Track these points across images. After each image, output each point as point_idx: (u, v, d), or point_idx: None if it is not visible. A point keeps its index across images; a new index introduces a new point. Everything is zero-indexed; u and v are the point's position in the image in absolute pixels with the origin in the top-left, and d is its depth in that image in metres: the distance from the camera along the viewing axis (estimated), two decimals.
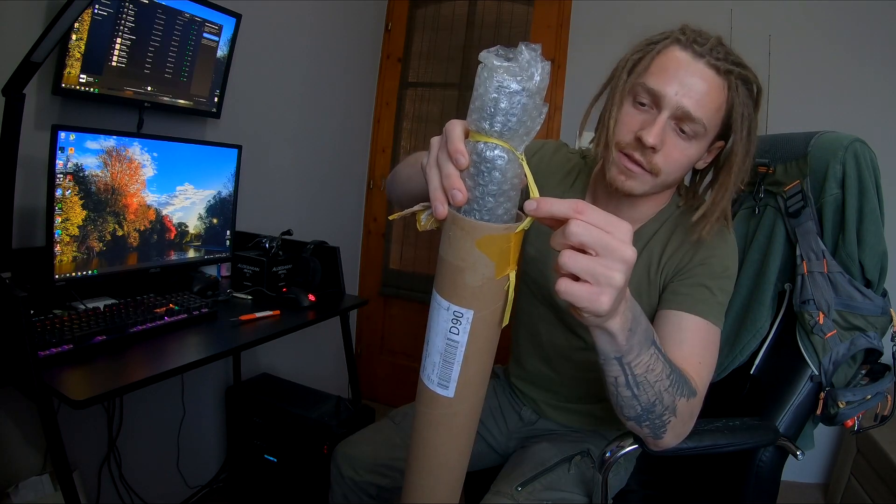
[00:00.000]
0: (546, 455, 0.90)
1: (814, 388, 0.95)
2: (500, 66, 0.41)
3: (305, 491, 1.51)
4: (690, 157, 0.75)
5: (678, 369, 0.62)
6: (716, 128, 0.75)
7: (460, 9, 2.39)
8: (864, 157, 0.91)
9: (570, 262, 0.42)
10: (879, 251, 0.91)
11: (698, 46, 0.71)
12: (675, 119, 0.72)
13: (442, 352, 0.48)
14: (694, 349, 0.72)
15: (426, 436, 0.55)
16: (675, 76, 0.71)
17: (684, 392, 0.63)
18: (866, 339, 0.93)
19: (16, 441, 1.17)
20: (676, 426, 0.65)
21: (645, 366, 0.57)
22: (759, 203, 1.08)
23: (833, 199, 0.92)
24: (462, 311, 0.46)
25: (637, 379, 0.57)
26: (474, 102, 0.42)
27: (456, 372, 0.49)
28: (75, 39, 1.14)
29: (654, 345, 0.57)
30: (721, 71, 0.71)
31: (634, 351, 0.55)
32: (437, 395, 0.50)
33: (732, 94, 0.73)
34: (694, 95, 0.71)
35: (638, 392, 0.58)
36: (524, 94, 0.41)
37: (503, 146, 0.42)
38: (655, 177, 0.75)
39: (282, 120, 1.91)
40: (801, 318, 0.95)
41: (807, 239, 0.95)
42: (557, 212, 0.43)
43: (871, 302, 0.92)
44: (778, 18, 1.96)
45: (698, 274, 0.78)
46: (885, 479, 1.57)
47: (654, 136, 0.71)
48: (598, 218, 0.42)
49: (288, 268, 1.50)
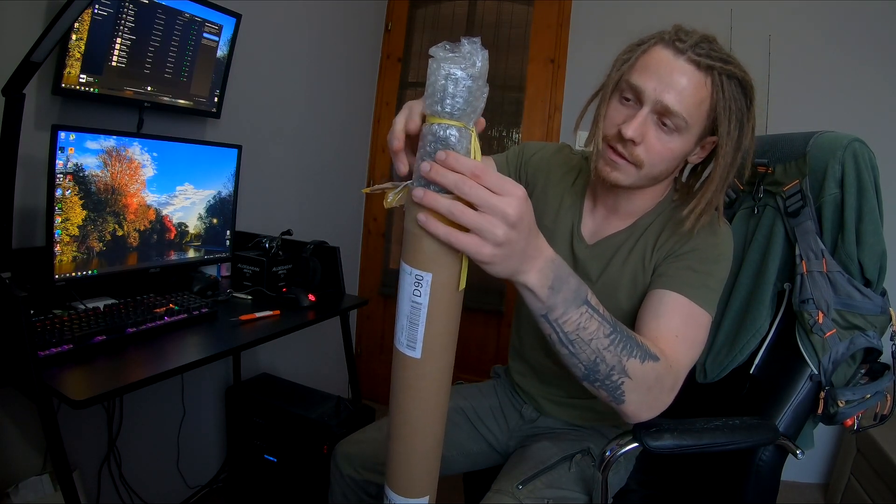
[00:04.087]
0: (547, 453, 0.90)
1: (813, 388, 0.94)
2: (446, 57, 0.48)
3: (305, 491, 1.51)
4: (673, 151, 0.77)
5: (626, 332, 0.64)
6: (700, 122, 0.76)
7: (460, 9, 2.39)
8: (863, 157, 0.91)
9: (459, 214, 0.48)
10: (878, 250, 0.91)
11: (680, 43, 0.74)
12: (656, 113, 0.75)
13: (408, 314, 0.54)
14: (671, 323, 0.74)
15: (399, 398, 0.60)
16: (655, 72, 0.75)
17: (635, 353, 0.63)
18: (865, 338, 0.93)
19: (16, 441, 1.17)
20: (637, 391, 0.64)
21: (575, 324, 0.59)
22: (759, 203, 1.08)
23: (832, 198, 0.93)
24: (422, 275, 0.53)
25: (569, 336, 0.60)
26: (427, 90, 0.49)
27: (421, 332, 0.54)
28: (75, 39, 1.14)
29: (585, 304, 0.60)
30: (702, 66, 0.73)
31: (559, 308, 0.58)
32: (407, 356, 0.56)
33: (716, 89, 0.74)
34: (673, 90, 0.73)
35: (574, 350, 0.61)
36: (469, 79, 0.48)
37: (455, 125, 0.49)
38: (639, 168, 0.78)
39: (282, 120, 1.91)
40: (801, 318, 0.95)
41: (806, 238, 0.96)
42: (459, 167, 0.48)
43: (870, 301, 0.92)
44: (778, 18, 1.96)
45: (686, 258, 0.80)
46: (885, 479, 1.57)
47: (632, 129, 0.75)
48: (493, 181, 0.48)
49: (288, 268, 1.50)
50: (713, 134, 0.79)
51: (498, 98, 2.34)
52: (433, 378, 0.58)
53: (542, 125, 2.30)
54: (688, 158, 0.82)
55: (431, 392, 0.59)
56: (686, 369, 0.72)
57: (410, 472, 0.63)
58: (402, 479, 0.63)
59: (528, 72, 2.30)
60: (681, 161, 0.81)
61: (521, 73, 2.31)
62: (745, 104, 0.76)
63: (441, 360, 0.57)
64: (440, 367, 0.57)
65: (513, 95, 2.33)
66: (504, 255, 0.51)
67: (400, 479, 0.63)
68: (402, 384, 0.59)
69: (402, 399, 0.59)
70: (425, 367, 0.56)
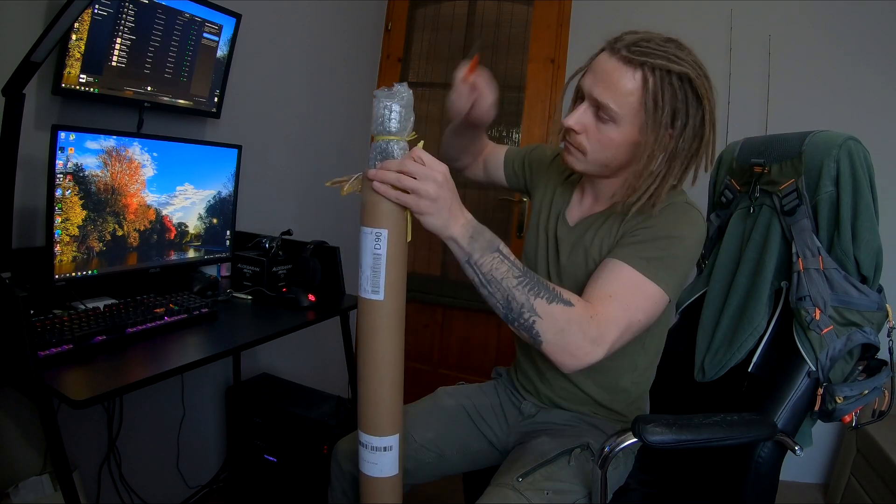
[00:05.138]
0: (546, 448, 0.92)
1: (811, 384, 0.95)
2: (382, 95, 0.71)
3: (305, 491, 1.52)
4: (613, 139, 0.84)
5: (537, 278, 0.76)
6: (632, 112, 0.81)
7: (460, 9, 2.39)
8: (858, 155, 0.92)
9: (403, 180, 0.69)
10: (874, 247, 0.92)
11: (616, 44, 0.81)
12: (594, 106, 0.84)
13: (371, 265, 0.72)
14: (607, 284, 0.80)
15: (368, 341, 0.74)
16: (592, 72, 0.84)
17: (542, 294, 0.74)
18: (862, 334, 0.93)
19: (16, 441, 1.17)
20: (550, 331, 0.74)
21: (489, 265, 0.74)
22: (755, 202, 1.08)
23: (828, 196, 0.94)
24: (381, 231, 0.72)
25: (486, 277, 0.74)
26: (373, 120, 0.72)
27: (382, 278, 0.72)
28: (75, 39, 1.14)
29: (497, 251, 0.75)
30: (631, 62, 0.79)
31: (477, 253, 0.74)
32: (372, 301, 0.73)
33: (646, 80, 0.79)
34: (602, 84, 0.81)
35: (491, 290, 0.75)
36: (399, 108, 0.71)
37: (394, 139, 0.72)
38: (585, 154, 0.87)
39: (282, 120, 1.91)
40: (798, 315, 0.96)
41: (802, 236, 0.97)
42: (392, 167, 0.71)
43: (866, 297, 0.93)
44: (778, 18, 1.96)
45: (641, 233, 0.85)
46: (885, 479, 1.57)
47: (571, 119, 0.86)
48: (424, 157, 0.70)
49: (288, 268, 1.50)
50: (673, 127, 0.82)
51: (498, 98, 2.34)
52: (394, 316, 0.74)
53: (543, 125, 2.30)
54: (654, 151, 0.83)
55: (393, 329, 0.74)
56: (618, 329, 0.76)
57: (380, 408, 0.76)
58: (373, 418, 0.76)
59: (528, 72, 2.30)
60: (629, 149, 0.84)
61: (521, 73, 2.31)
62: (687, 96, 0.80)
63: (399, 300, 0.74)
64: (398, 306, 0.74)
65: (513, 95, 2.33)
66: (436, 209, 0.70)
67: (372, 419, 0.76)
68: (368, 327, 0.74)
69: (370, 340, 0.74)
70: (387, 307, 0.73)
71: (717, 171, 1.23)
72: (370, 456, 0.77)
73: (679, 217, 0.85)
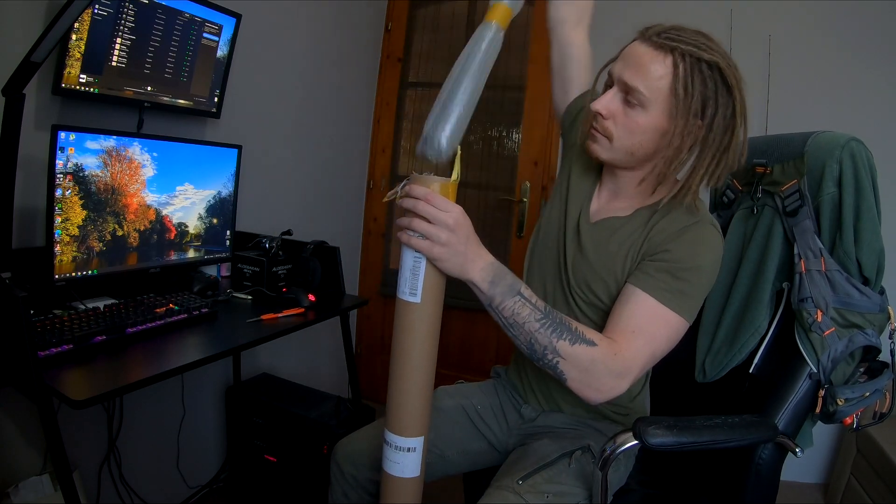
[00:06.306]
0: (547, 450, 0.91)
1: (812, 386, 0.95)
2: None
3: (305, 491, 1.51)
4: (640, 124, 0.82)
5: (559, 319, 0.75)
6: (663, 97, 0.79)
7: (460, 9, 2.39)
8: (861, 156, 0.92)
9: (417, 226, 0.70)
10: (877, 249, 0.92)
11: (647, 31, 0.81)
12: (623, 91, 0.82)
13: (411, 268, 0.73)
14: (632, 319, 0.79)
15: (402, 342, 0.75)
16: (622, 58, 0.83)
17: (564, 336, 0.74)
18: (864, 336, 0.93)
19: (16, 441, 1.17)
20: (573, 370, 0.75)
21: (510, 310, 0.74)
22: (757, 203, 1.08)
23: (830, 197, 0.94)
24: None
25: (508, 321, 0.75)
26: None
27: (421, 281, 0.72)
28: (75, 39, 1.14)
29: (518, 295, 0.74)
30: (662, 47, 0.79)
31: (498, 298, 0.74)
32: (410, 303, 0.73)
33: (675, 67, 0.78)
34: (632, 68, 0.80)
35: (515, 333, 0.76)
36: None
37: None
38: (610, 141, 0.85)
39: (282, 120, 1.91)
40: (800, 316, 0.96)
41: (804, 237, 0.97)
42: (414, 193, 0.71)
43: (868, 299, 0.93)
44: (778, 18, 1.96)
45: (666, 263, 0.82)
46: (885, 479, 1.57)
47: (598, 103, 0.84)
48: (438, 202, 0.70)
49: (288, 268, 1.50)
50: (703, 117, 0.79)
51: (498, 98, 2.34)
52: (430, 319, 0.74)
53: (542, 125, 2.30)
54: (677, 143, 0.80)
55: (429, 332, 0.75)
56: (642, 361, 0.78)
57: (408, 409, 0.76)
58: (401, 419, 0.76)
59: (528, 72, 2.30)
60: (656, 136, 0.82)
61: (521, 73, 2.31)
62: (717, 86, 0.78)
63: (435, 305, 0.75)
64: (435, 310, 0.75)
65: (513, 95, 2.33)
66: (449, 254, 0.70)
67: (400, 419, 0.77)
68: (404, 328, 0.75)
69: (405, 340, 0.75)
70: (424, 310, 0.74)
71: None
72: (395, 455, 0.78)
73: (701, 245, 0.83)
